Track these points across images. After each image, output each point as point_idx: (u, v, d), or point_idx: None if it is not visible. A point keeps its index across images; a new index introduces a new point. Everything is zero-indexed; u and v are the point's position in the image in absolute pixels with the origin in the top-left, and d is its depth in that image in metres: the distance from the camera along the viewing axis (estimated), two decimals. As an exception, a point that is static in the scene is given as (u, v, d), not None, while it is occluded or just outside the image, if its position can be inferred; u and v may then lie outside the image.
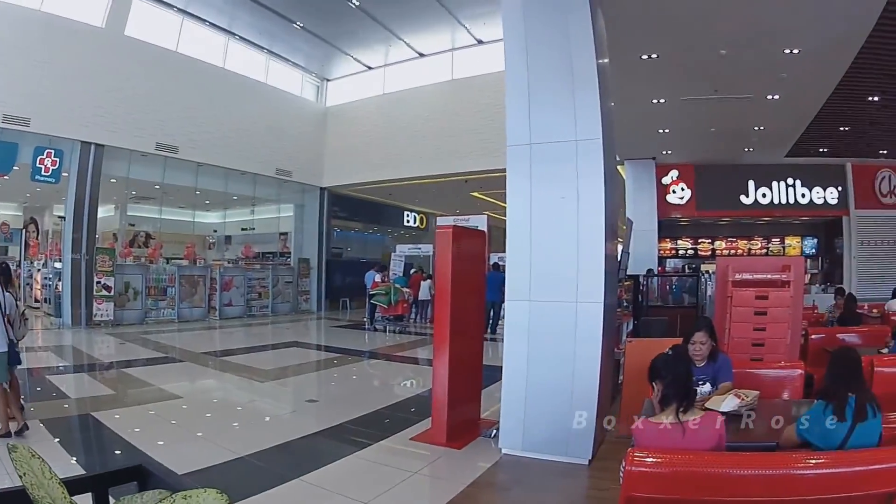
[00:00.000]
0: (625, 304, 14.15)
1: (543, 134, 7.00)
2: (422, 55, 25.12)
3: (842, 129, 17.74)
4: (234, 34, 23.60)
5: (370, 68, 26.68)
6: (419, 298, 22.09)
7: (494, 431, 7.29)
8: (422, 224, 34.94)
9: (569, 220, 6.74)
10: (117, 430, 7.53)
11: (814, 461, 3.49)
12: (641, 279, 15.69)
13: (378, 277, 20.87)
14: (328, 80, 28.07)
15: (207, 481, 2.26)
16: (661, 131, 17.47)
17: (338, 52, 25.27)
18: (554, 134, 6.95)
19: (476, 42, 23.39)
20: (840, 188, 21.98)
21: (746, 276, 8.37)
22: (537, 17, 7.29)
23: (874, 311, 14.60)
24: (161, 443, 7.12)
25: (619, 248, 12.34)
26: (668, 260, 24.84)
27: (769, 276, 8.37)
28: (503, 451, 7.00)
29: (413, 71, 25.45)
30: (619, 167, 20.81)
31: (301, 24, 22.35)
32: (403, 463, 6.67)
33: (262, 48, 24.89)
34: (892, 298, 13.98)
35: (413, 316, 22.48)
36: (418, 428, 7.86)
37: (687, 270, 23.27)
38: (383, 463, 6.67)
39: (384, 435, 7.65)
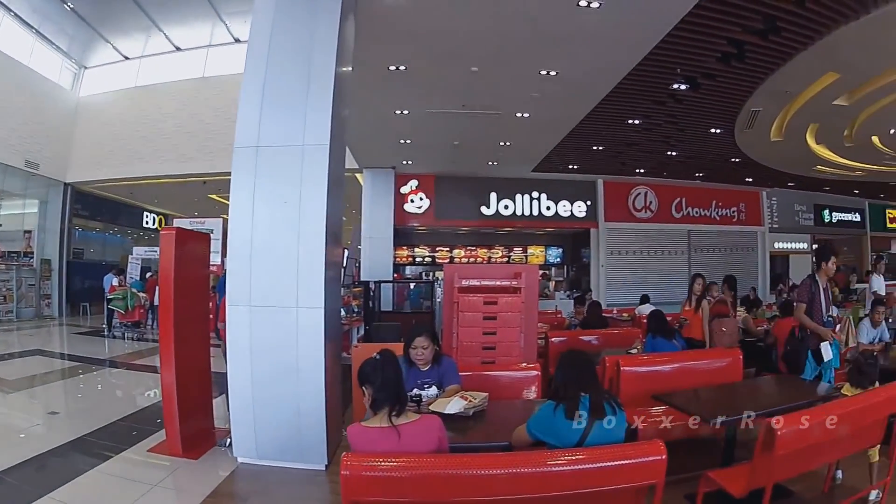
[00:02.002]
0: (355, 309, 14.25)
1: (272, 137, 6.96)
2: (178, 49, 24.19)
3: (596, 148, 18.70)
4: (9, 9, 21.38)
5: (127, 58, 25.20)
6: (156, 304, 21.16)
7: (229, 440, 7.12)
8: (161, 226, 32.84)
9: (290, 224, 6.75)
10: None
11: (551, 460, 3.62)
12: (372, 285, 15.93)
13: (115, 281, 19.91)
14: (86, 68, 26.01)
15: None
16: (402, 142, 17.60)
17: (99, 39, 23.68)
18: (282, 137, 6.92)
19: (233, 40, 22.89)
20: (589, 202, 23.68)
21: (474, 282, 8.57)
22: (286, 17, 7.28)
23: (624, 314, 15.64)
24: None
25: (346, 254, 12.39)
26: (406, 267, 25.50)
27: (499, 283, 8.59)
28: (239, 459, 6.90)
29: (168, 65, 24.44)
30: (357, 175, 21.38)
31: (71, 6, 20.76)
32: (143, 475, 6.46)
33: (32, 27, 22.61)
34: (641, 304, 14.92)
35: (150, 322, 21.23)
36: (157, 438, 7.61)
37: (424, 277, 24.06)
38: (123, 476, 6.44)
39: (123, 447, 7.38)
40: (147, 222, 32.75)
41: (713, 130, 16.57)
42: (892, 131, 16.90)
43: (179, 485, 6.40)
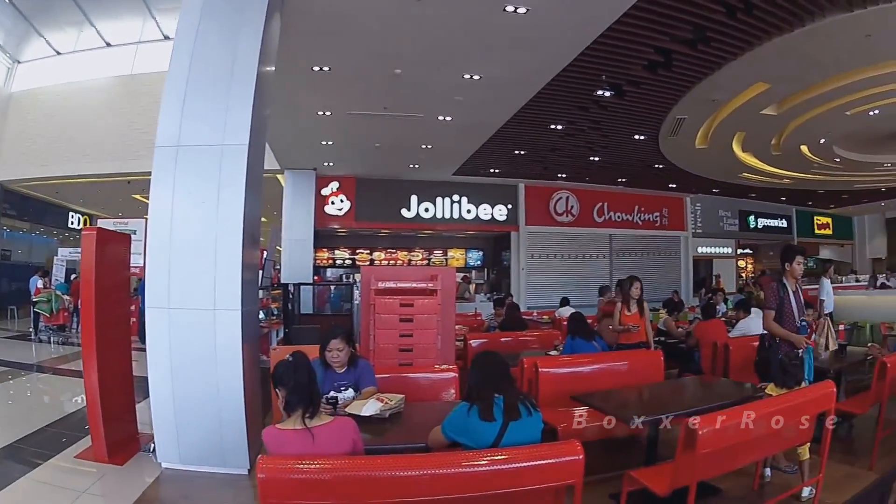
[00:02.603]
0: (274, 312, 14.13)
1: (192, 136, 6.88)
2: (109, 45, 23.51)
3: (518, 152, 18.82)
4: (-56, 0, 20.57)
5: (59, 53, 24.40)
6: (79, 306, 20.62)
7: (153, 445, 7.04)
8: (86, 226, 32.17)
9: (208, 226, 6.70)
10: None
11: (468, 461, 3.64)
12: (291, 288, 15.91)
13: (40, 283, 19.54)
14: (19, 63, 25.11)
15: None
16: (324, 143, 17.48)
17: (33, 32, 23.01)
18: (202, 137, 6.86)
19: (163, 37, 22.21)
20: (510, 206, 23.92)
21: (390, 284, 8.57)
22: (213, 13, 7.23)
23: (544, 317, 15.77)
24: None
25: (264, 255, 12.29)
26: (327, 269, 25.48)
27: (415, 285, 8.60)
28: (163, 465, 6.84)
29: (97, 61, 23.66)
30: (278, 176, 21.30)
31: (9, -1, 20.06)
32: (71, 482, 6.38)
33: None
34: (561, 306, 15.12)
35: (75, 325, 20.57)
36: (85, 444, 7.50)
37: (345, 280, 24.04)
38: (53, 483, 6.37)
39: (52, 453, 7.28)
40: (72, 223, 31.79)
41: (637, 137, 16.84)
42: (822, 140, 17.37)
43: (107, 491, 6.36)
